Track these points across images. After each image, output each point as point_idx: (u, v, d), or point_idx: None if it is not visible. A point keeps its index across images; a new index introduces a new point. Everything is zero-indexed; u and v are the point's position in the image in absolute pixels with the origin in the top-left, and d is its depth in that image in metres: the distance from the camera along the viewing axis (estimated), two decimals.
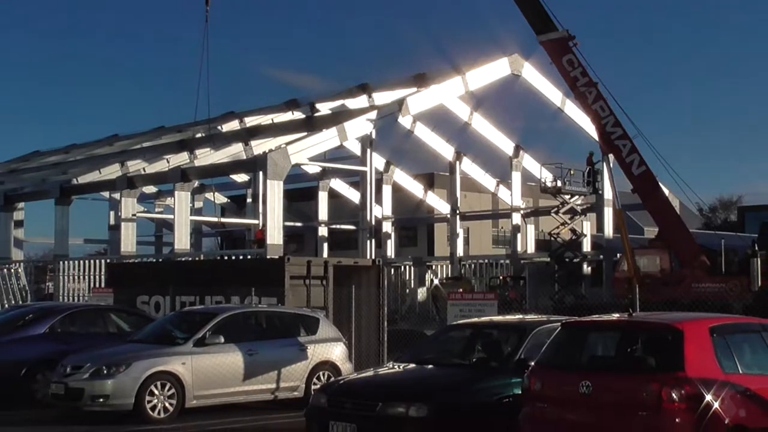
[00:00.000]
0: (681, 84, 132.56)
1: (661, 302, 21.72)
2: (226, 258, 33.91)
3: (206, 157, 40.51)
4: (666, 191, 34.72)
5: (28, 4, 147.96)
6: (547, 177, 41.34)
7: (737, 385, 9.54)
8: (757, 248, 30.37)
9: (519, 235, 44.88)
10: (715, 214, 77.10)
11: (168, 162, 40.44)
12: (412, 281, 44.52)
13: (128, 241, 36.41)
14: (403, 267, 44.98)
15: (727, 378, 9.50)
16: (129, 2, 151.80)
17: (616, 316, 11.83)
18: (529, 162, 44.25)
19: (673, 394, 9.14)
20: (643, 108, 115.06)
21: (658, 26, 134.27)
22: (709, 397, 9.22)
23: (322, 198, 47.97)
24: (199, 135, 43.12)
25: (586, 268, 41.16)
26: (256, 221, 34.81)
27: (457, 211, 45.77)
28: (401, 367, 12.90)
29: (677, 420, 9.11)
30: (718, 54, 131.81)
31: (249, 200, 43.88)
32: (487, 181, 47.94)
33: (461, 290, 37.59)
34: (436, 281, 41.35)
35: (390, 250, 46.67)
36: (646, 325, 10.55)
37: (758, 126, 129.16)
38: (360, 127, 35.86)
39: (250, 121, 44.84)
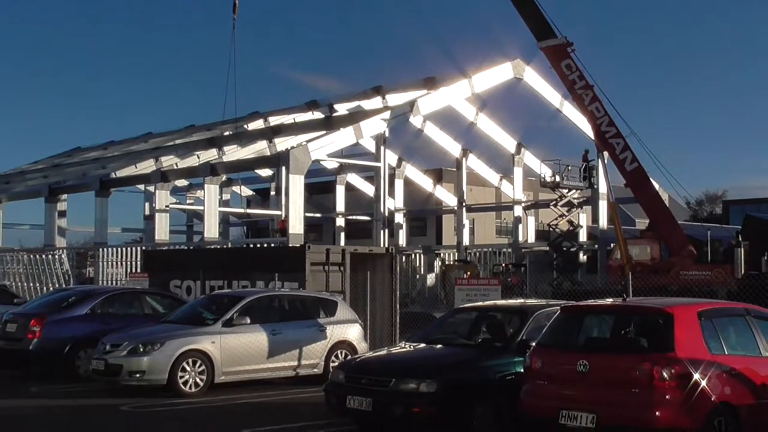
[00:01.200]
0: (670, 84, 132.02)
1: (652, 288, 21.64)
2: (251, 246, 33.98)
3: (233, 153, 40.60)
4: (656, 186, 34.58)
5: (69, 11, 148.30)
6: (546, 172, 41.26)
7: (723, 364, 9.52)
8: (740, 239, 30.29)
9: (520, 226, 44.88)
10: (702, 207, 76.72)
11: (198, 158, 40.49)
12: (422, 268, 44.56)
13: (162, 230, 36.46)
14: (413, 255, 45.02)
15: (714, 358, 9.48)
16: (162, 10, 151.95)
17: (610, 300, 11.86)
18: (529, 158, 44.21)
19: (664, 373, 9.13)
20: (635, 106, 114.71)
21: (648, 26, 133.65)
22: (697, 376, 9.20)
23: (340, 191, 48.06)
24: (226, 133, 43.14)
25: (582, 257, 41.13)
26: (279, 212, 34.79)
27: (464, 204, 45.74)
28: (412, 346, 12.89)
29: (667, 397, 9.09)
30: (707, 54, 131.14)
31: (272, 193, 43.86)
32: (491, 176, 47.91)
33: (469, 272, 37.75)
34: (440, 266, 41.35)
35: (402, 239, 46.65)
36: (639, 309, 10.53)
37: (742, 125, 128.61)
38: (374, 126, 35.83)
39: (274, 120, 44.86)
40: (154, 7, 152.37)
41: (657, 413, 9.04)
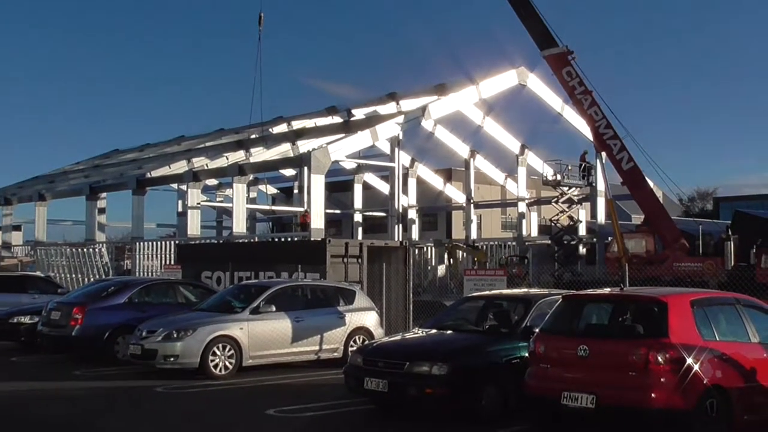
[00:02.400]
0: (666, 87, 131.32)
1: (647, 279, 21.57)
2: (276, 240, 34.02)
3: (259, 154, 40.60)
4: (651, 184, 34.38)
5: (106, 19, 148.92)
6: (548, 172, 41.06)
7: (714, 350, 9.45)
8: (730, 233, 30.09)
9: (524, 221, 44.72)
10: (694, 203, 76.34)
11: (227, 159, 40.53)
12: (433, 260, 44.44)
13: (193, 226, 36.53)
14: (425, 248, 44.89)
15: (706, 344, 9.41)
16: (193, 20, 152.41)
17: (608, 290, 11.78)
18: (532, 159, 44.01)
19: (659, 357, 9.07)
20: (632, 107, 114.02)
21: (645, 29, 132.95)
22: (689, 360, 9.14)
23: (357, 189, 47.98)
24: (253, 136, 43.15)
25: (582, 249, 40.92)
26: (301, 209, 34.79)
27: (471, 201, 45.62)
28: (425, 332, 12.86)
29: (662, 380, 9.03)
30: (702, 57, 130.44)
31: (295, 191, 43.85)
32: (497, 175, 47.73)
33: (476, 258, 37.68)
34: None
35: (414, 233, 46.57)
36: (636, 298, 10.46)
37: (733, 127, 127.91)
38: (389, 129, 35.77)
39: (297, 124, 44.80)
40: (189, 22, 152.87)
41: (653, 395, 8.98)
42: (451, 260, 40.16)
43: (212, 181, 45.06)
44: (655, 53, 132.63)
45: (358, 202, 47.87)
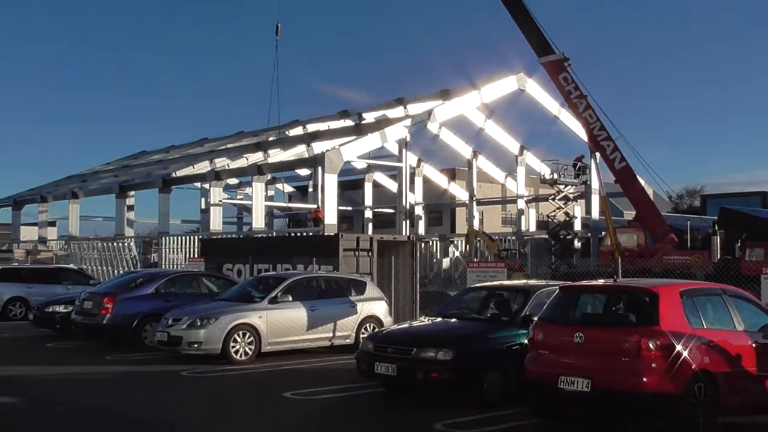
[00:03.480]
0: (657, 88, 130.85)
1: (638, 271, 21.46)
2: (292, 234, 34.04)
3: (277, 155, 40.66)
4: (642, 182, 34.26)
5: (135, 33, 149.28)
6: (545, 171, 40.99)
7: (702, 337, 9.38)
8: (716, 228, 29.99)
9: (523, 217, 44.67)
10: (682, 200, 75.93)
11: (247, 159, 40.60)
12: (438, 253, 44.41)
13: (216, 222, 36.59)
14: (431, 242, 44.85)
15: (694, 332, 9.35)
16: (212, 32, 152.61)
17: (602, 281, 11.73)
18: (531, 159, 43.93)
19: (650, 344, 9.01)
20: (625, 110, 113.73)
21: (636, 35, 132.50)
22: (679, 347, 9.07)
23: (368, 188, 48.00)
24: (271, 138, 43.23)
25: (577, 243, 40.80)
26: (315, 206, 34.81)
27: (474, 198, 45.50)
28: (431, 320, 12.84)
29: (653, 365, 8.97)
30: (691, 61, 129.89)
31: (310, 189, 43.89)
32: (498, 174, 47.64)
33: (489, 247, 37.51)
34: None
35: (421, 228, 46.52)
36: (628, 288, 10.40)
37: (720, 128, 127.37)
38: (397, 132, 35.78)
39: (311, 127, 44.83)
40: (210, 33, 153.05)
41: (644, 379, 8.93)
42: (467, 246, 39.68)
43: (233, 180, 45.17)
44: (649, 61, 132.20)
45: (368, 200, 47.89)
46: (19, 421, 10.55)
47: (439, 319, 12.73)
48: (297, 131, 44.97)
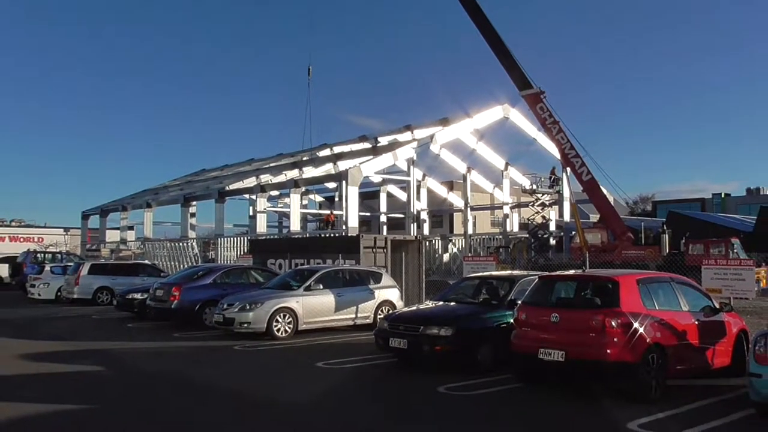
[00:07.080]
0: (617, 107, 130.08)
1: (602, 263, 21.34)
2: (323, 235, 34.07)
3: (309, 172, 40.67)
4: (604, 190, 34.05)
5: (195, 69, 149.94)
6: (526, 183, 40.85)
7: (654, 316, 9.36)
8: (665, 228, 29.81)
9: (508, 220, 44.45)
10: (637, 205, 75.54)
11: (285, 175, 40.60)
12: (440, 249, 44.32)
13: (261, 226, 36.65)
14: (434, 241, 44.76)
15: (648, 312, 9.32)
16: (256, 72, 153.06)
17: (573, 272, 11.68)
18: (514, 173, 43.74)
19: (613, 322, 9.00)
20: (593, 129, 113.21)
21: (610, 54, 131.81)
22: (636, 324, 9.06)
23: (383, 197, 47.94)
24: (305, 158, 43.26)
25: (552, 241, 40.57)
26: (341, 212, 34.85)
27: (468, 205, 45.34)
28: (435, 304, 12.82)
29: (615, 339, 8.96)
30: (651, 79, 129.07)
31: (337, 199, 43.88)
32: (487, 185, 47.40)
33: (513, 250, 37.16)
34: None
35: (426, 230, 46.45)
36: (594, 277, 10.36)
37: (668, 143, 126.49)
38: (406, 152, 35.76)
39: (337, 149, 44.85)
40: (253, 74, 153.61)
41: (608, 351, 8.91)
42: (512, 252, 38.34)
43: (275, 192, 45.15)
44: (620, 85, 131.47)
45: (383, 207, 47.85)
46: (107, 384, 10.64)
47: (441, 302, 12.71)
48: (325, 152, 45.01)
